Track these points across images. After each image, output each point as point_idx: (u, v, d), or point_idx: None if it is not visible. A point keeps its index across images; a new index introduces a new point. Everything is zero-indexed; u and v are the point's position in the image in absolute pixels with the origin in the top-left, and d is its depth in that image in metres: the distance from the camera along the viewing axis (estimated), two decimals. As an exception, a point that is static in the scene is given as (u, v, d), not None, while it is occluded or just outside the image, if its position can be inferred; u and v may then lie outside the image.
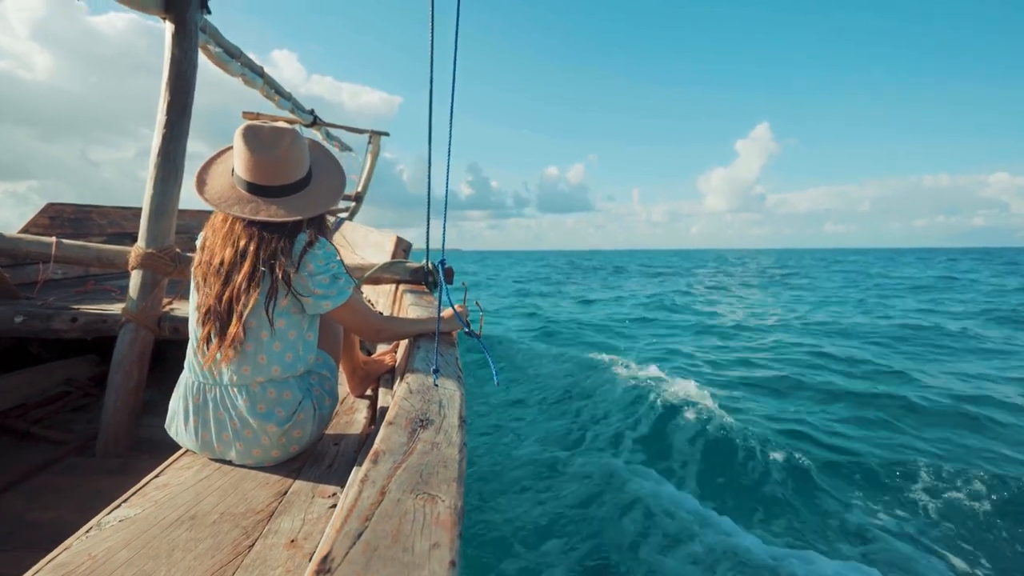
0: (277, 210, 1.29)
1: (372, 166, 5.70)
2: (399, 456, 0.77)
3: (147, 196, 2.16)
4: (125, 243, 2.39)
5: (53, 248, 2.26)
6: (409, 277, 2.45)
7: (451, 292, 1.69)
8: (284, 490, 1.23)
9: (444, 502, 0.66)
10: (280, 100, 4.17)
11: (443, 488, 0.69)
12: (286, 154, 1.31)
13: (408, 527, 0.60)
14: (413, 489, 0.69)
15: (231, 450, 1.30)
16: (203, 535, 1.02)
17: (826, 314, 14.18)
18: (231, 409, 1.28)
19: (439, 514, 0.63)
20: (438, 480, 0.72)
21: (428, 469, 0.74)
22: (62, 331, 2.39)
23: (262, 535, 1.04)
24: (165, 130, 2.16)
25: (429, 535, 0.59)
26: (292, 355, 1.32)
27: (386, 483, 0.69)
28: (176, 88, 2.17)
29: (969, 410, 5.75)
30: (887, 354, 8.95)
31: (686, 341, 10.78)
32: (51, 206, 4.18)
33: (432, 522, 0.61)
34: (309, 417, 1.35)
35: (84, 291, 3.21)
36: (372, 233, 3.82)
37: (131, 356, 2.15)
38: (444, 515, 0.63)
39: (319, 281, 1.29)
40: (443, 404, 1.01)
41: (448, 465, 0.76)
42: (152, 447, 2.10)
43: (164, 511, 1.09)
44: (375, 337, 1.53)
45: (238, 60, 3.12)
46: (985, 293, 19.33)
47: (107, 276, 3.97)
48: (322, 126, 5.11)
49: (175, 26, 2.17)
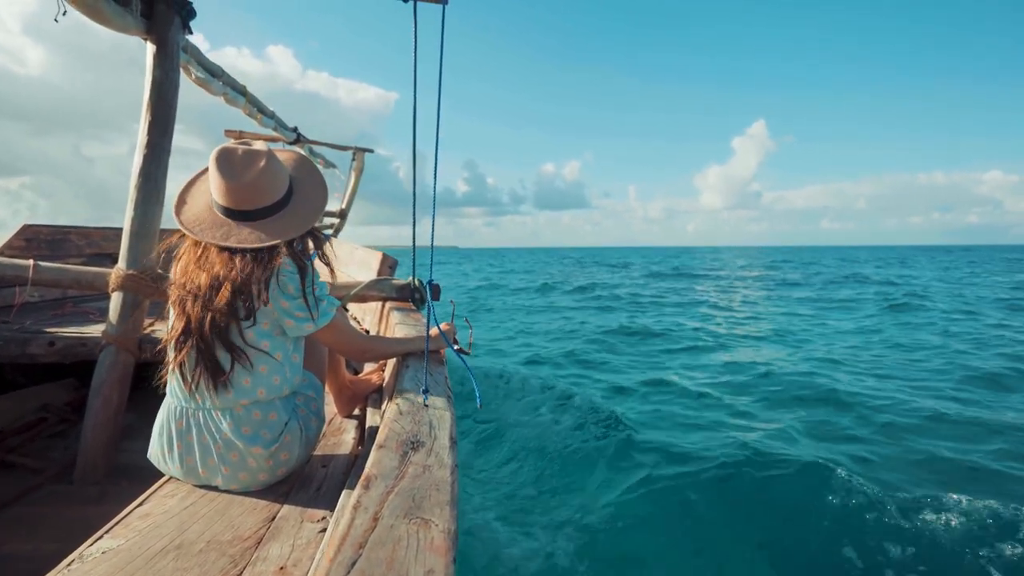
0: (249, 234, 1.27)
1: (356, 183, 5.69)
2: (391, 480, 0.77)
3: (128, 217, 2.13)
4: (105, 264, 2.35)
5: (30, 271, 2.21)
6: (395, 295, 2.44)
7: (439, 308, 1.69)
8: (272, 515, 1.21)
9: (438, 526, 0.66)
10: (263, 118, 4.16)
11: (436, 512, 0.69)
12: (259, 179, 1.29)
13: (402, 554, 0.60)
14: (406, 514, 0.68)
15: (217, 475, 1.28)
16: (189, 565, 1.00)
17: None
18: (215, 433, 1.26)
19: (433, 539, 0.63)
20: (431, 504, 0.71)
21: (420, 493, 0.74)
22: (39, 355, 2.33)
23: (250, 563, 1.02)
24: (146, 151, 2.14)
25: (423, 561, 0.59)
26: (279, 377, 1.31)
27: (378, 509, 0.69)
28: (158, 108, 2.16)
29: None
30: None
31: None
32: (27, 228, 4.10)
33: (426, 548, 0.61)
34: (296, 439, 1.33)
35: (62, 314, 3.14)
36: (357, 250, 3.81)
37: (111, 380, 2.10)
38: (438, 540, 0.63)
39: (299, 304, 1.28)
40: (433, 425, 1.01)
41: (440, 488, 0.76)
42: (132, 473, 2.05)
43: (148, 541, 1.07)
44: (361, 357, 1.52)
45: (220, 79, 3.11)
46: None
47: (86, 298, 3.89)
48: (305, 143, 5.10)
49: (156, 47, 2.16)
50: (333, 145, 5.48)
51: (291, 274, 1.28)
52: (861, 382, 7.12)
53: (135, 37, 2.14)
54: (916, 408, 5.86)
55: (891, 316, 13.88)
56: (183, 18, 2.24)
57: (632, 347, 10.18)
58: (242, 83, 3.44)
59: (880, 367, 8.11)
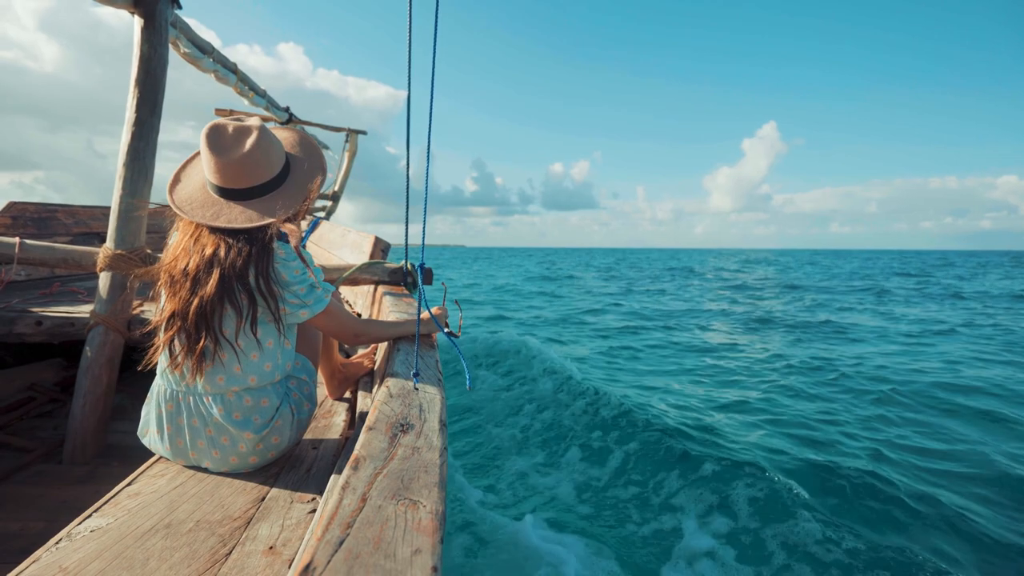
0: (240, 214, 1.23)
1: (350, 165, 5.63)
2: (380, 462, 0.77)
3: (116, 196, 2.11)
4: (93, 244, 2.32)
5: (16, 249, 2.18)
6: (388, 278, 2.43)
7: (430, 292, 1.69)
8: (262, 496, 1.21)
9: (425, 507, 0.66)
10: (255, 97, 4.09)
11: (424, 493, 0.70)
12: (250, 155, 1.23)
13: (390, 533, 0.60)
14: (394, 495, 0.69)
15: (206, 458, 1.28)
16: (178, 544, 1.00)
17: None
18: (206, 417, 1.25)
19: (420, 520, 0.64)
20: (419, 485, 0.72)
21: (409, 474, 0.75)
22: (27, 335, 2.31)
23: (239, 542, 1.03)
24: (135, 128, 2.10)
25: (411, 541, 0.59)
26: (271, 364, 1.29)
27: (367, 489, 0.69)
28: (145, 85, 2.12)
29: None
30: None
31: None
32: (13, 205, 4.03)
33: (414, 528, 0.62)
34: (287, 423, 1.33)
35: (50, 293, 3.11)
36: (349, 233, 3.78)
37: (100, 360, 2.09)
38: (426, 521, 0.63)
39: (295, 291, 1.26)
40: (423, 408, 1.01)
41: (429, 470, 0.76)
42: (121, 453, 2.05)
43: (137, 520, 1.07)
44: (354, 341, 1.52)
45: (210, 56, 3.05)
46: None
47: (74, 278, 3.85)
48: (297, 124, 5.03)
49: (144, 21, 2.11)
50: (326, 126, 5.41)
51: (285, 260, 1.25)
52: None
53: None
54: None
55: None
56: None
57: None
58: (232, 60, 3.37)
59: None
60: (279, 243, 1.26)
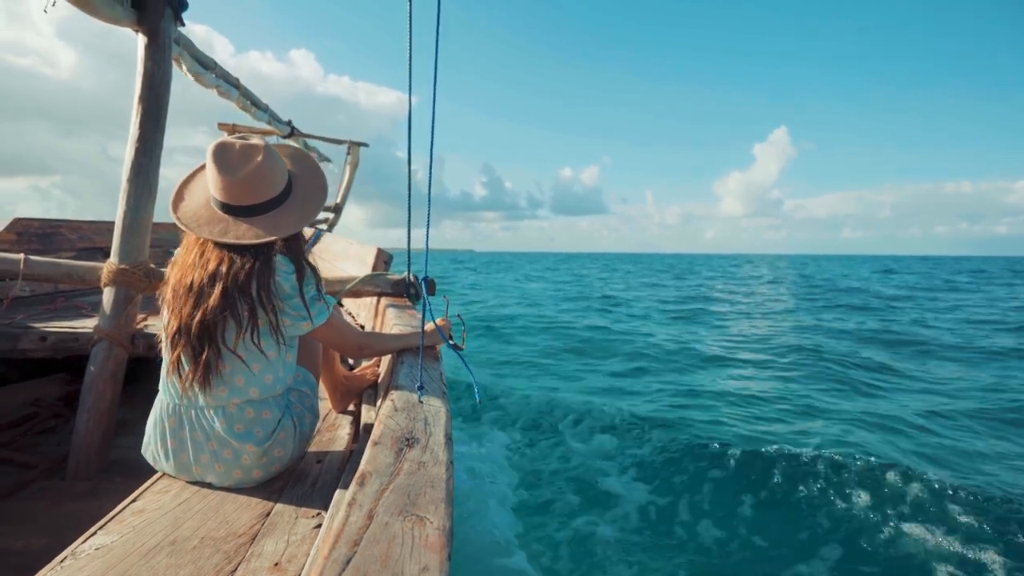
0: (247, 230, 1.26)
1: (351, 177, 5.66)
2: (386, 477, 0.77)
3: (120, 211, 2.12)
4: (97, 258, 2.33)
5: (21, 265, 2.19)
6: (390, 290, 2.43)
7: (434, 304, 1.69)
8: (266, 511, 1.21)
9: (432, 523, 0.66)
10: (257, 112, 4.12)
11: (431, 509, 0.69)
12: (256, 173, 1.27)
13: (397, 551, 0.60)
14: (401, 511, 0.68)
15: (210, 472, 1.27)
16: (183, 561, 1.00)
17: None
18: (208, 430, 1.25)
19: (428, 536, 0.63)
20: (426, 501, 0.71)
21: (415, 490, 0.74)
22: (31, 350, 2.31)
23: (245, 559, 1.02)
24: (138, 144, 2.11)
25: (418, 559, 0.59)
26: (272, 376, 1.30)
27: (373, 506, 0.69)
28: (149, 101, 2.13)
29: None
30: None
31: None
32: (18, 221, 4.05)
33: (421, 545, 0.61)
34: (289, 435, 1.33)
35: (54, 308, 3.12)
36: (352, 245, 3.79)
37: (104, 375, 2.09)
38: (433, 537, 0.63)
39: (296, 304, 1.27)
40: (429, 422, 1.00)
41: (436, 485, 0.76)
42: (125, 469, 2.04)
43: (142, 538, 1.06)
44: (357, 354, 1.52)
45: (212, 72, 3.08)
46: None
47: (78, 293, 3.86)
48: (300, 137, 5.07)
49: (147, 38, 2.13)
50: (328, 139, 5.45)
51: (286, 273, 1.27)
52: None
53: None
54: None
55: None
56: (175, 9, 2.21)
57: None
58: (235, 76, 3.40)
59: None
60: (280, 257, 1.28)
